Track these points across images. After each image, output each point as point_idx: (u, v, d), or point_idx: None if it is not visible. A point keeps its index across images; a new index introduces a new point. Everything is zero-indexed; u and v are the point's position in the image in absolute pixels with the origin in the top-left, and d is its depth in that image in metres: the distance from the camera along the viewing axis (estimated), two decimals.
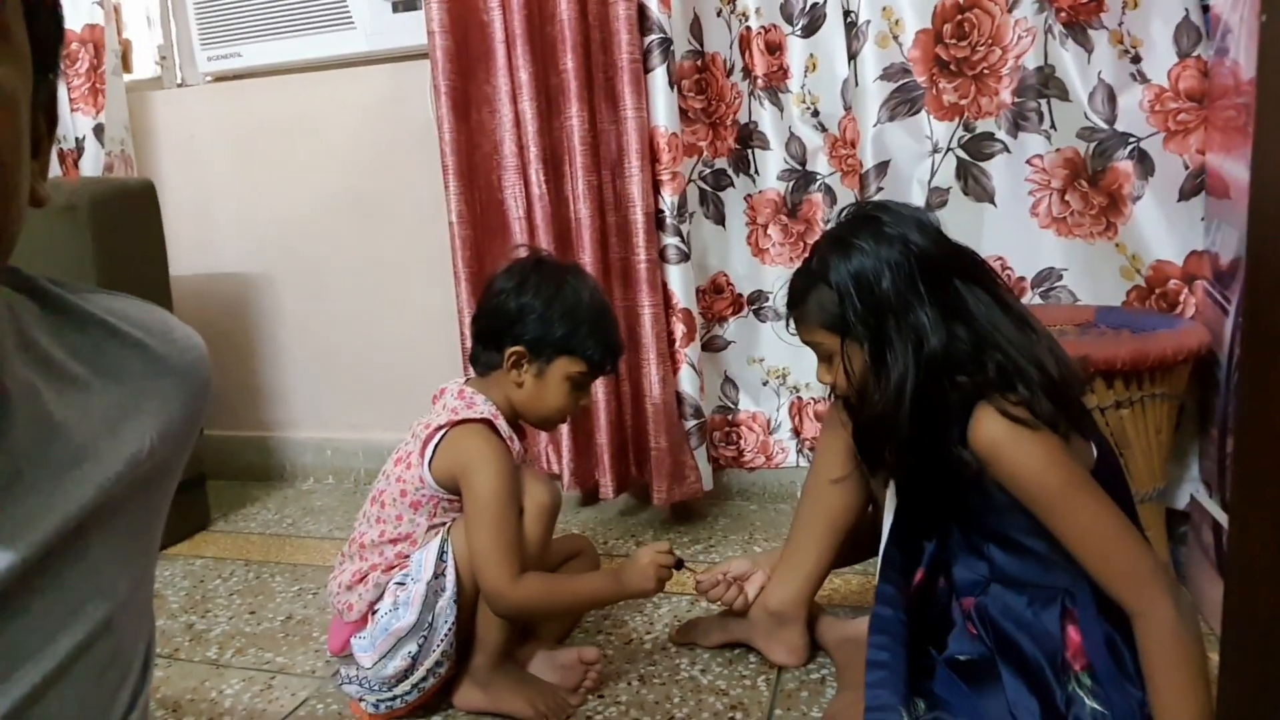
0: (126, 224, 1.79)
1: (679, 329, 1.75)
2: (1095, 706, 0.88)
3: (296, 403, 2.29)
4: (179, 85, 2.25)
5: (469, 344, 1.31)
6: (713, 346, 1.87)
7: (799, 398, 1.84)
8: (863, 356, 0.94)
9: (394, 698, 1.17)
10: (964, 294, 0.93)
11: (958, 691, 0.93)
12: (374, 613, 1.16)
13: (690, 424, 1.77)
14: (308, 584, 1.64)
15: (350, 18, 2.00)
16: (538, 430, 1.33)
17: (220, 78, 2.19)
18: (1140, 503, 1.24)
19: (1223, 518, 1.21)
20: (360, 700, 1.18)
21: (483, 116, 1.82)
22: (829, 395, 1.12)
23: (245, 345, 2.29)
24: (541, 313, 1.20)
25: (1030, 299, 1.58)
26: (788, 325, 1.06)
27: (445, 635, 1.15)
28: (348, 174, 2.10)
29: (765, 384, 1.87)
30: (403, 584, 1.15)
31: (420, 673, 1.15)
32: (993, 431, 0.88)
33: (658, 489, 1.73)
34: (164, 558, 1.80)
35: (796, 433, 1.85)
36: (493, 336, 1.24)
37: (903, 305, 0.91)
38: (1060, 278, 1.55)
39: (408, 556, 1.18)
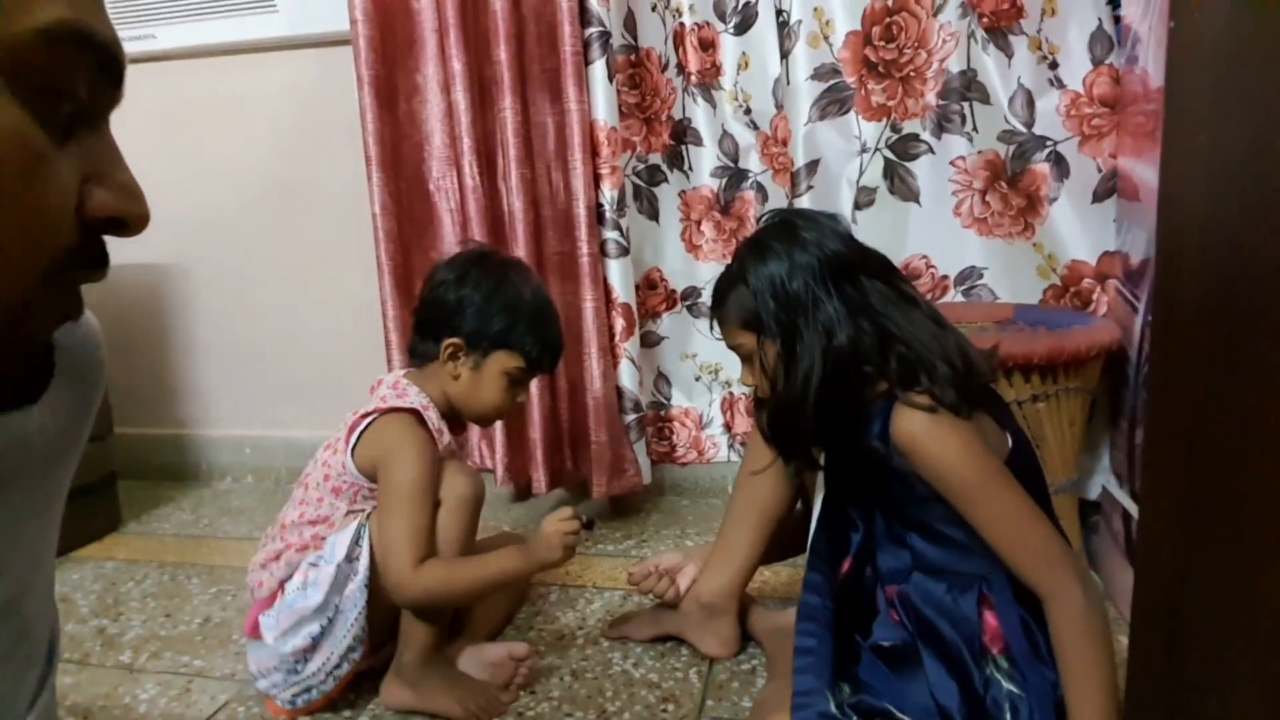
0: None
1: (619, 323, 1.75)
2: (1011, 688, 0.91)
3: (214, 399, 2.21)
4: None
5: (409, 334, 1.29)
6: (647, 342, 1.87)
7: (730, 393, 1.85)
8: (775, 352, 0.96)
9: (308, 689, 1.15)
10: (870, 291, 0.96)
11: (881, 676, 0.95)
12: (283, 591, 1.15)
13: (630, 418, 1.77)
14: (226, 585, 1.58)
15: (273, 0, 1.93)
16: (472, 425, 1.31)
17: (134, 60, 2.09)
18: (1054, 493, 1.28)
19: (1132, 507, 1.26)
20: (275, 697, 1.15)
21: (412, 106, 1.79)
22: (753, 396, 1.14)
23: (159, 339, 2.20)
24: (481, 306, 1.19)
25: (953, 297, 1.62)
26: (711, 328, 1.08)
27: (354, 621, 1.13)
28: (269, 162, 2.04)
29: (698, 379, 1.89)
30: (315, 564, 1.14)
31: (333, 659, 1.14)
32: (912, 426, 0.91)
33: (597, 483, 1.73)
34: (73, 560, 1.72)
35: (728, 428, 1.87)
36: (431, 327, 1.23)
37: (812, 302, 0.94)
38: (981, 276, 1.60)
39: (324, 539, 1.17)
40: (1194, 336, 0.66)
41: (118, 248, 0.48)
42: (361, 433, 1.18)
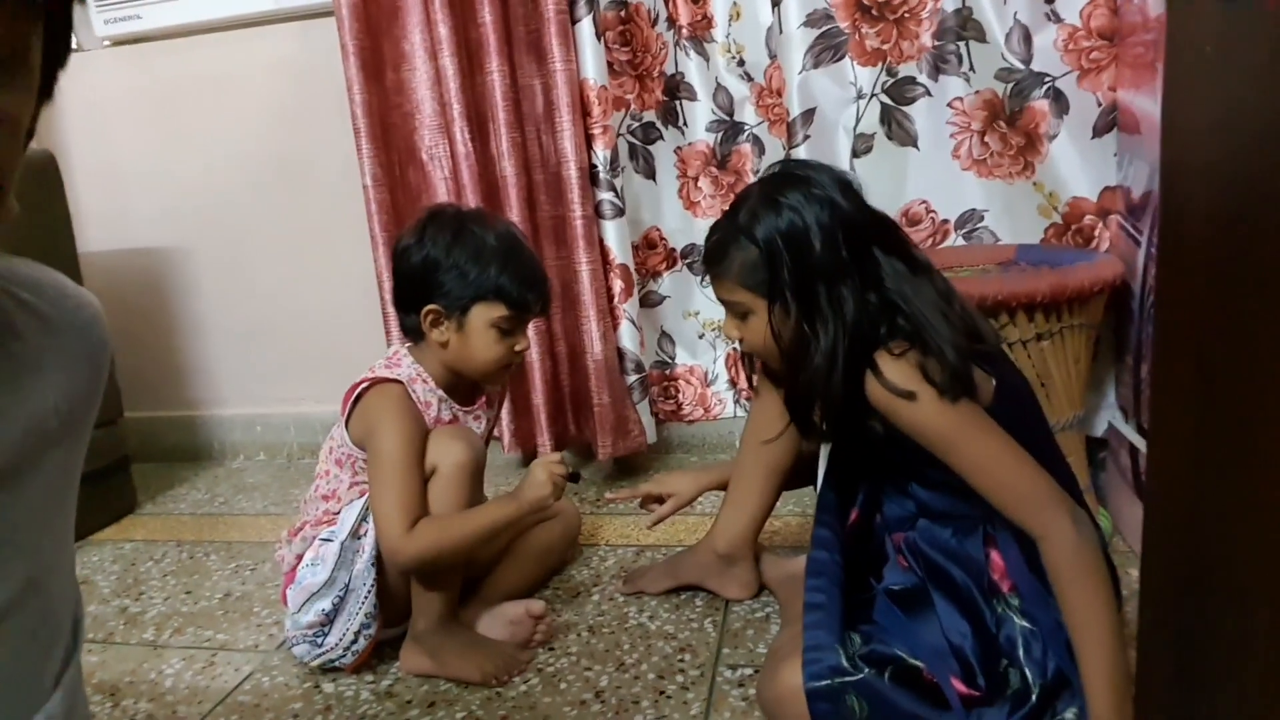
0: (27, 199, 1.68)
1: (617, 285, 1.74)
2: (1023, 624, 0.92)
3: (222, 379, 2.22)
4: (75, 50, 2.12)
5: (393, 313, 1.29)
6: (648, 302, 1.87)
7: (734, 349, 1.85)
8: (789, 322, 0.95)
9: (331, 661, 1.18)
10: (881, 263, 0.94)
11: (895, 619, 0.96)
12: (300, 565, 1.18)
13: (632, 379, 1.77)
14: (245, 561, 1.60)
15: None
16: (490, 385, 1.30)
17: (120, 41, 2.08)
18: (1061, 430, 1.29)
19: (1139, 442, 1.26)
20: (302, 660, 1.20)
21: (400, 75, 1.77)
22: (735, 347, 1.14)
23: (164, 322, 2.20)
24: (443, 263, 1.17)
25: (954, 240, 1.61)
26: (702, 280, 1.05)
27: (365, 598, 1.15)
28: (261, 139, 2.02)
29: (701, 337, 1.88)
30: (328, 540, 1.16)
31: (348, 635, 1.15)
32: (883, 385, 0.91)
33: (602, 444, 1.74)
34: (91, 543, 1.74)
35: (733, 383, 1.87)
36: (407, 300, 1.21)
37: (832, 272, 0.92)
38: (982, 218, 1.59)
39: (337, 513, 1.18)
40: (1200, 256, 0.65)
41: (120, 235, 0.49)
42: (355, 404, 1.19)
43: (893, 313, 0.93)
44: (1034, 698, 0.87)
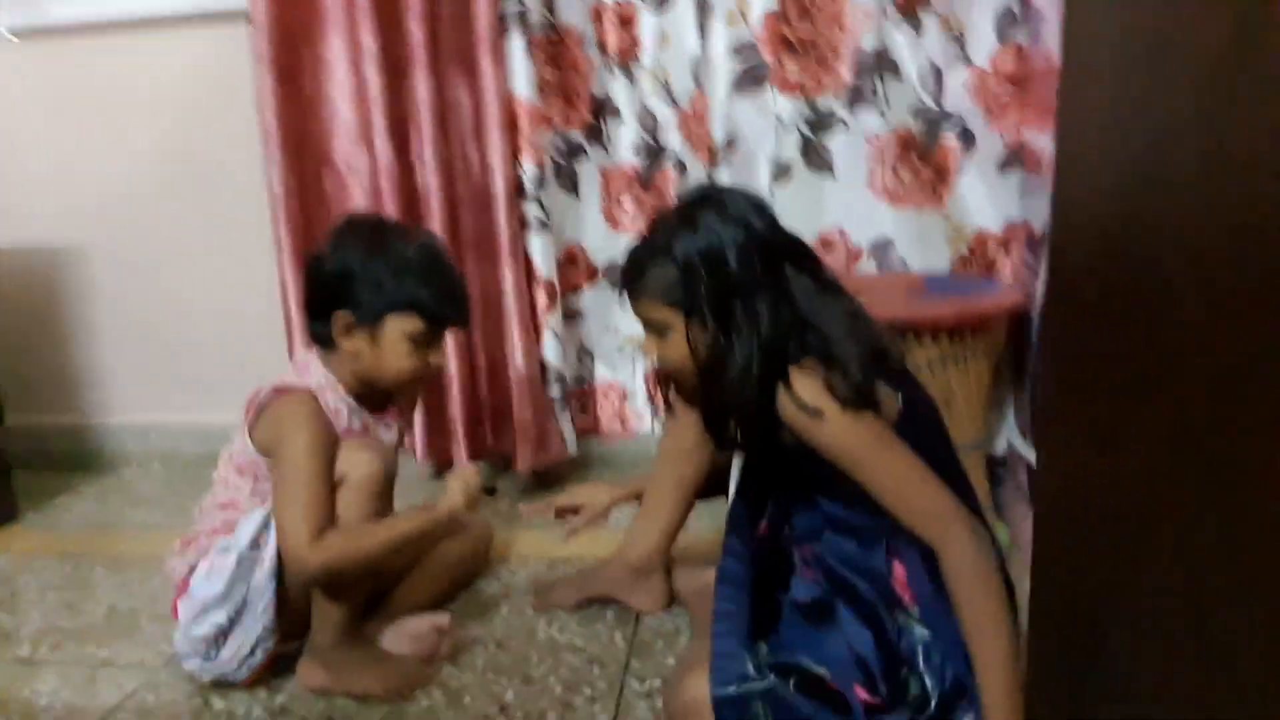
0: None
1: (541, 298, 1.74)
2: (923, 633, 0.94)
3: (115, 386, 2.12)
4: None
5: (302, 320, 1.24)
6: (568, 316, 1.86)
7: (653, 366, 1.86)
8: (704, 336, 0.96)
9: (223, 674, 1.13)
10: (792, 280, 0.97)
11: (800, 630, 0.97)
12: (192, 576, 1.13)
13: (554, 392, 1.76)
14: (133, 574, 1.52)
15: None
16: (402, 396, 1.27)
17: (23, 34, 1.98)
18: (965, 451, 1.34)
19: (1032, 456, 1.32)
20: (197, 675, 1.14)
21: (319, 82, 1.74)
22: (652, 367, 1.15)
23: (55, 324, 2.09)
24: (359, 273, 1.14)
25: (867, 266, 1.66)
26: (621, 297, 1.06)
27: (263, 610, 1.10)
28: (167, 140, 1.96)
29: (621, 350, 1.89)
30: (226, 550, 1.10)
31: (244, 648, 1.11)
32: (795, 403, 0.93)
33: (522, 456, 1.72)
34: None
35: (651, 400, 1.87)
36: (318, 308, 1.18)
37: (746, 288, 0.95)
38: (894, 246, 1.65)
39: (234, 523, 1.13)
40: (1085, 287, 0.69)
41: (11, 232, 0.45)
42: (261, 411, 1.14)
43: (803, 329, 0.96)
44: (933, 705, 0.89)
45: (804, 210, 1.64)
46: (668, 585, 1.27)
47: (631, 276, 1.03)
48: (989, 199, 1.58)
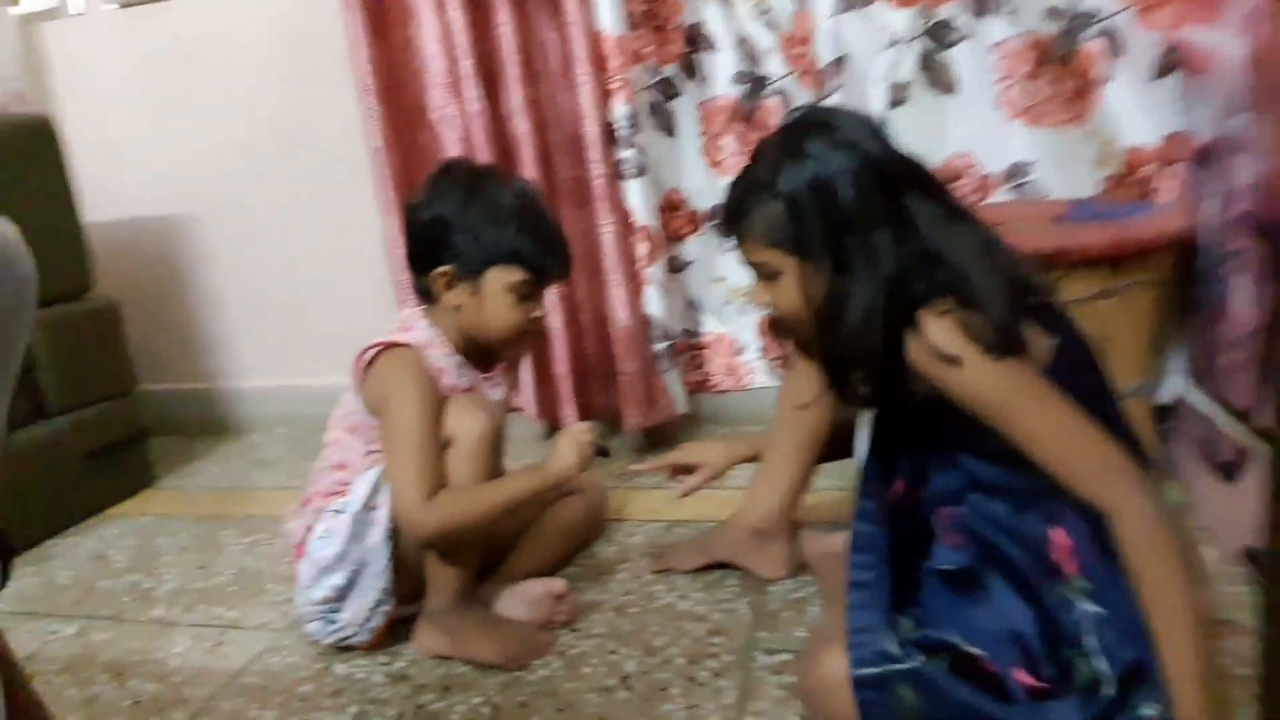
0: (24, 164, 1.64)
1: (641, 248, 1.66)
2: (1093, 609, 0.84)
3: (236, 351, 2.17)
4: (79, 15, 2.05)
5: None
6: (672, 267, 1.78)
7: (766, 315, 1.77)
8: (820, 279, 0.87)
9: (344, 639, 1.13)
10: (915, 209, 0.86)
11: (946, 602, 0.89)
12: (310, 538, 1.13)
13: (659, 346, 1.70)
14: (260, 535, 1.56)
15: None
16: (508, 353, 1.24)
17: (128, 4, 2.00)
18: (1126, 397, 1.20)
19: (1210, 410, 1.16)
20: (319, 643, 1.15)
21: (406, 29, 1.69)
22: (764, 317, 1.06)
23: (175, 294, 2.15)
24: (455, 223, 1.10)
25: (999, 196, 1.51)
26: (724, 241, 0.97)
27: (380, 574, 1.09)
28: (262, 101, 1.96)
29: (729, 304, 1.80)
30: (340, 512, 1.10)
31: (361, 612, 1.11)
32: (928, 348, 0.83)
33: (629, 414, 1.67)
34: (106, 518, 1.71)
35: (765, 352, 1.78)
36: (419, 261, 1.15)
37: (863, 221, 0.84)
38: (1030, 171, 1.49)
39: (349, 484, 1.13)
40: None
41: (123, 204, 0.42)
42: (367, 369, 1.13)
43: (931, 264, 0.85)
44: (1110, 691, 0.78)
45: (925, 136, 1.49)
46: (793, 550, 1.20)
47: (733, 217, 0.93)
48: (1141, 110, 1.39)
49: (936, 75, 1.50)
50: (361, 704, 1.05)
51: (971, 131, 1.50)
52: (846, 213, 0.84)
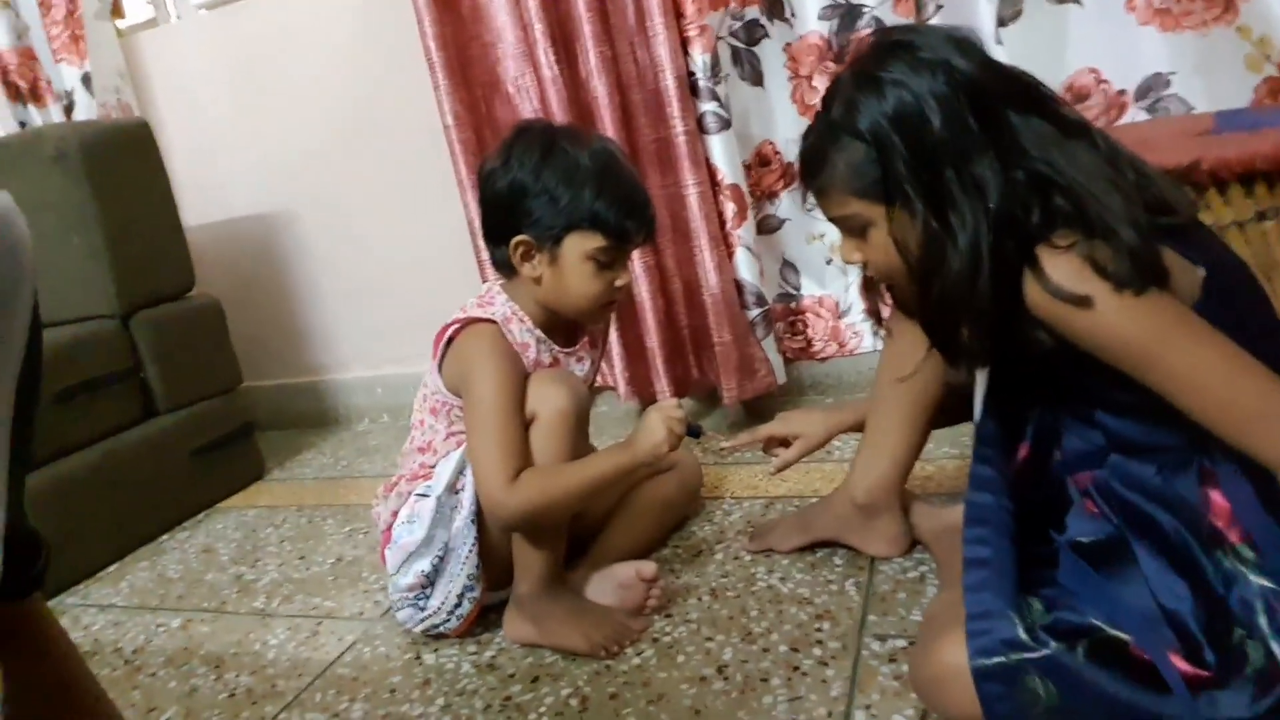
0: (125, 169, 1.69)
1: (729, 208, 1.56)
2: (1263, 583, 0.70)
3: (339, 343, 2.20)
4: (177, 20, 2.10)
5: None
6: (766, 227, 1.67)
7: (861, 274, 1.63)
8: (915, 225, 0.75)
9: (434, 625, 1.10)
10: (1021, 129, 0.74)
11: (1085, 580, 0.76)
12: (395, 523, 1.11)
13: (753, 313, 1.60)
14: (359, 523, 1.56)
15: None
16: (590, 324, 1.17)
17: (215, 5, 2.04)
18: None
19: None
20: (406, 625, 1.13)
21: (477, 1, 1.64)
22: (862, 273, 0.94)
23: (277, 290, 2.20)
24: (532, 187, 1.04)
25: (1133, 115, 1.33)
26: (804, 199, 0.86)
27: (467, 558, 1.06)
28: (346, 88, 1.96)
29: (829, 263, 1.67)
30: (424, 495, 1.08)
31: (450, 598, 1.08)
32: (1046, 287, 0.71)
33: (727, 387, 1.58)
34: (217, 511, 1.76)
35: (870, 313, 1.65)
36: (495, 231, 1.10)
37: (960, 151, 0.73)
38: (1168, 84, 1.30)
39: (433, 467, 1.10)
40: None
41: (221, 205, 0.36)
42: (447, 347, 1.09)
43: (1046, 190, 0.73)
44: None
45: (1044, 53, 1.34)
46: (905, 526, 1.08)
47: (811, 169, 0.82)
48: None
49: None
50: (449, 696, 1.01)
51: (1097, 44, 1.33)
52: (939, 144, 0.73)
